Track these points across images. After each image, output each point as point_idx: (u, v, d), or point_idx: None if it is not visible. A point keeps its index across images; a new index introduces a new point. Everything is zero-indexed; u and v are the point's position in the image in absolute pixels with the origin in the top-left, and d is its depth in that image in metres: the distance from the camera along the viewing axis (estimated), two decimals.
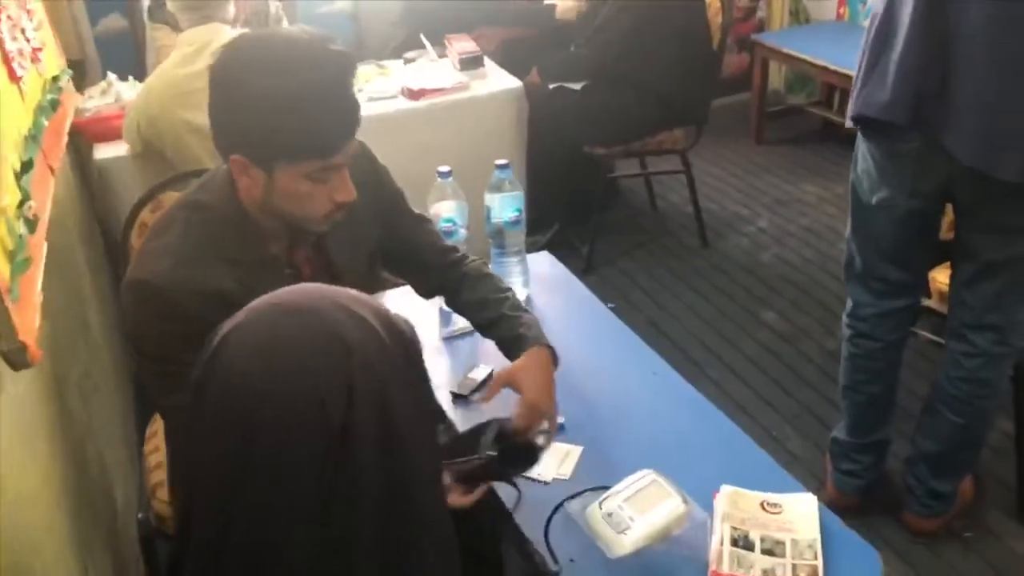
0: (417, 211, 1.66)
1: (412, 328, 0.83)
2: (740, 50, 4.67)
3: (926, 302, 2.25)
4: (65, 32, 3.75)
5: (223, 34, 2.37)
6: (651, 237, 3.65)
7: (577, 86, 3.24)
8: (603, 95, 3.19)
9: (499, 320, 1.53)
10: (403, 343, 0.79)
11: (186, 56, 2.37)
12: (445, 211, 2.09)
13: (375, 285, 1.65)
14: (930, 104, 1.71)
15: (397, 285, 1.92)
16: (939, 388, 2.02)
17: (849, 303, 2.14)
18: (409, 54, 3.27)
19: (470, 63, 3.08)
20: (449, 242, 1.75)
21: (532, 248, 3.41)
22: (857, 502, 2.20)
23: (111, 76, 2.83)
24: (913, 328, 2.22)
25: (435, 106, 2.98)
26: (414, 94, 2.96)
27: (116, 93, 2.76)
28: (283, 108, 1.20)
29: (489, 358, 1.74)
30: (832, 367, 2.78)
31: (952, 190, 1.81)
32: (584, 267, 3.39)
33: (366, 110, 2.96)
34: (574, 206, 3.46)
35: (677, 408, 1.63)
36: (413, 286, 1.70)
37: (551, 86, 3.28)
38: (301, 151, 1.24)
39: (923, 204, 1.87)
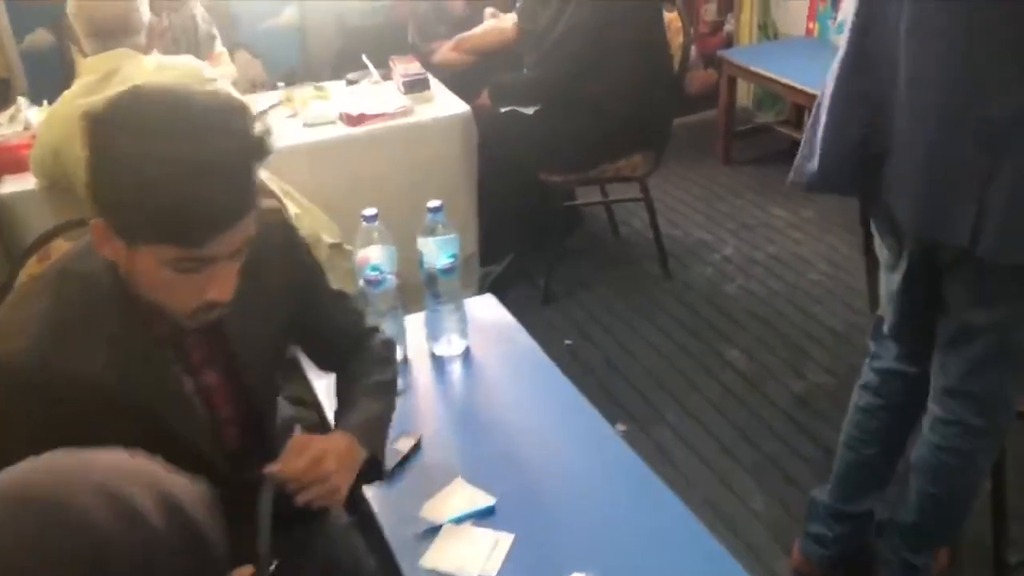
0: (334, 287, 1.48)
1: (208, 500, 0.63)
2: (707, 66, 4.51)
3: None
4: None
5: (132, 61, 2.16)
6: (612, 266, 3.47)
7: (529, 110, 3.05)
8: (557, 120, 3.01)
9: (348, 401, 1.39)
10: (190, 530, 0.60)
11: (89, 85, 2.15)
12: (372, 257, 1.89)
13: (281, 372, 1.46)
14: (866, 164, 1.59)
15: None
16: (916, 454, 1.85)
17: (870, 347, 1.97)
18: (351, 75, 3.07)
19: (415, 86, 2.89)
20: (371, 317, 1.61)
21: (485, 280, 3.26)
22: (824, 575, 2.03)
23: (20, 100, 2.61)
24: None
25: (376, 133, 2.78)
26: (353, 120, 2.76)
27: (25, 120, 2.54)
28: (147, 180, 1.01)
29: (422, 422, 1.61)
30: (800, 414, 2.62)
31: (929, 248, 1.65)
32: (541, 299, 3.20)
33: (302, 136, 2.65)
34: (530, 235, 3.27)
35: (625, 488, 1.46)
36: (309, 356, 1.52)
37: (502, 110, 3.09)
38: (160, 234, 1.04)
39: (914, 264, 1.69)
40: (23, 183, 2.45)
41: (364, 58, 3.04)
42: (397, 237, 2.84)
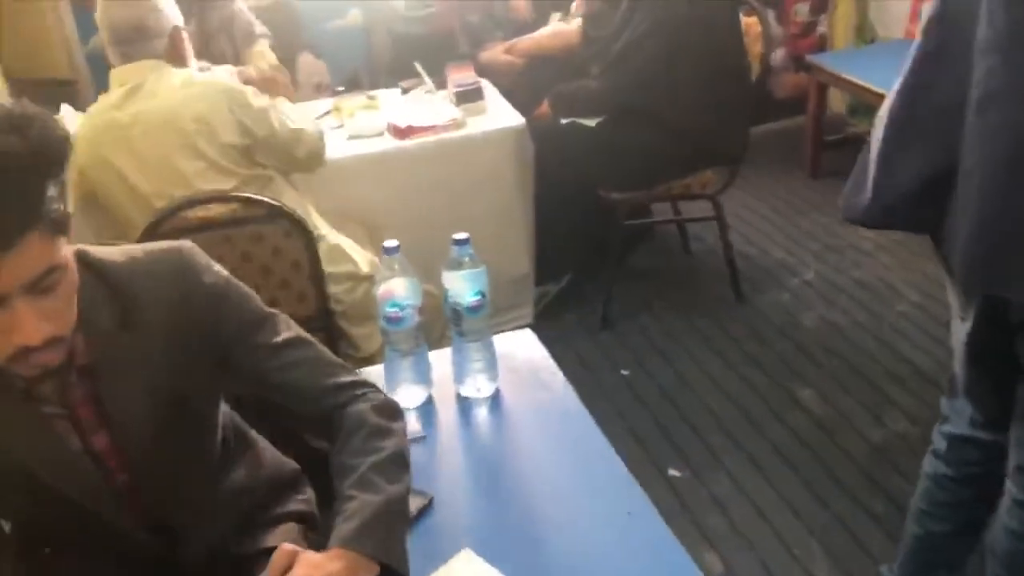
0: (286, 337, 1.20)
1: None
2: (797, 69, 4.20)
3: None
4: (55, 51, 3.55)
5: (159, 74, 2.07)
6: (679, 287, 3.24)
7: (591, 122, 2.85)
8: (620, 133, 2.79)
9: (341, 496, 1.10)
10: None
11: (113, 101, 2.07)
12: (394, 292, 1.74)
13: (186, 443, 1.19)
14: (928, 197, 1.38)
15: None
16: (991, 536, 1.60)
17: (943, 408, 1.73)
18: (405, 83, 2.92)
19: (467, 96, 2.72)
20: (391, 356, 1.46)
21: (541, 300, 3.09)
22: None
23: (64, 109, 2.55)
24: None
25: (424, 146, 2.62)
26: (400, 132, 2.62)
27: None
28: None
29: (438, 476, 1.46)
30: (876, 467, 2.35)
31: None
32: (599, 322, 3.00)
33: (346, 149, 2.49)
34: (589, 254, 3.08)
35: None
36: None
37: (563, 121, 2.90)
38: None
39: (983, 316, 1.44)
40: None
41: (417, 66, 2.89)
42: (438, 255, 2.69)
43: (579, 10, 3.08)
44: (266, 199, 1.94)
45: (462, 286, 1.76)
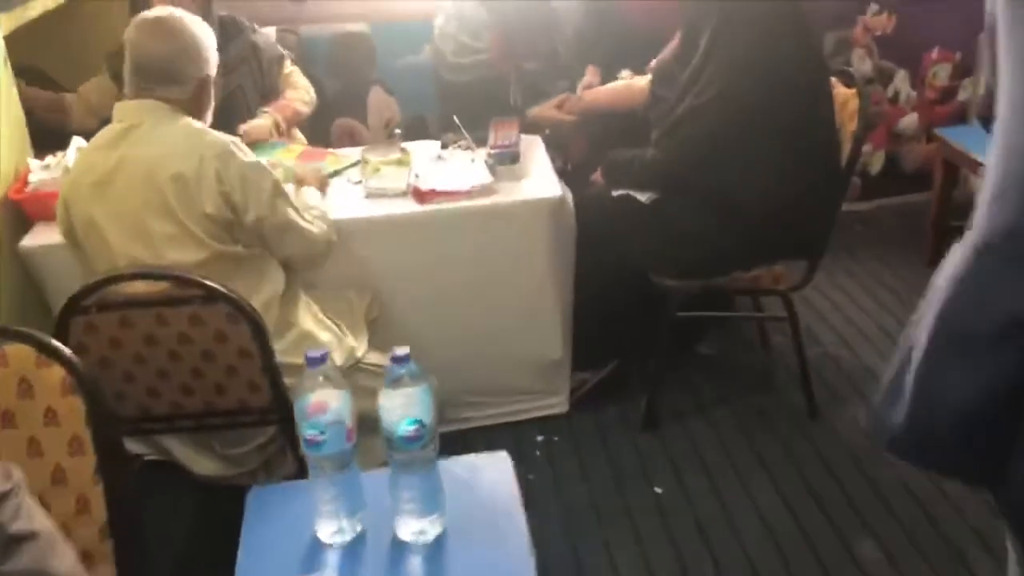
0: None
1: None
2: (930, 139, 3.66)
3: None
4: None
5: (158, 117, 1.88)
6: (744, 389, 2.80)
7: (645, 197, 2.47)
8: (675, 212, 2.41)
9: None
10: None
11: (108, 138, 1.90)
12: (319, 410, 1.46)
13: None
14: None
15: None
16: None
17: None
18: (446, 136, 2.63)
19: (502, 158, 2.41)
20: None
21: (579, 389, 2.73)
22: None
23: (75, 141, 2.41)
24: None
25: (447, 212, 2.33)
26: (422, 195, 2.33)
27: (65, 165, 2.33)
28: None
29: None
30: None
31: None
32: (641, 421, 2.61)
33: (359, 209, 2.30)
34: (638, 341, 2.69)
35: None
36: None
37: (615, 193, 2.53)
38: None
39: None
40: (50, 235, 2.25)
41: (455, 120, 2.60)
42: (466, 336, 2.37)
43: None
44: (201, 279, 1.68)
45: (397, 410, 1.45)
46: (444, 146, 2.60)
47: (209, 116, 1.99)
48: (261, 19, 3.10)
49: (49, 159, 2.42)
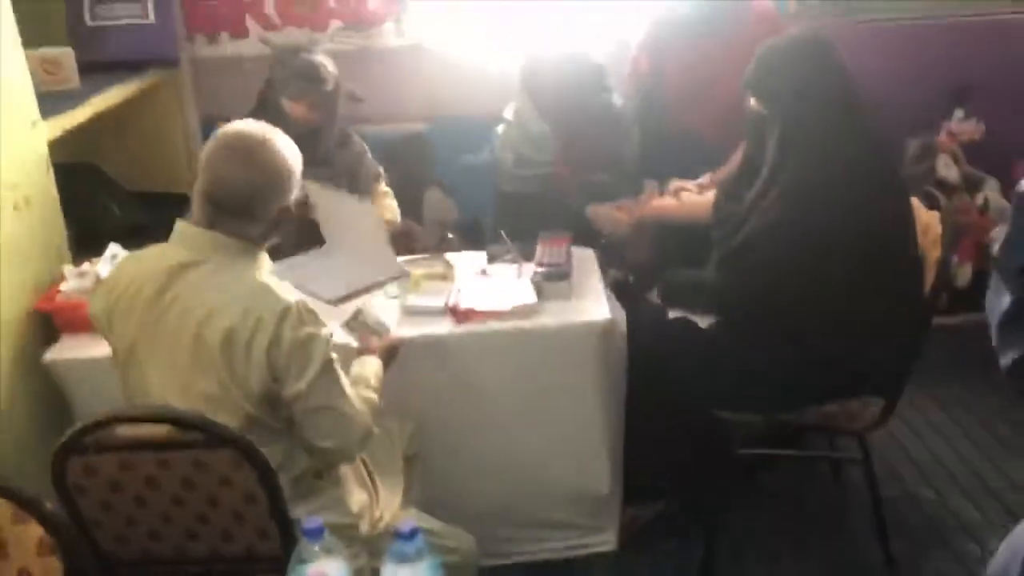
0: None
1: None
2: None
3: None
4: (178, 167, 3.47)
5: (233, 262, 1.67)
6: (816, 532, 2.53)
7: (704, 321, 2.28)
8: (736, 341, 2.21)
9: None
10: None
11: (167, 263, 1.68)
12: None
13: None
14: None
15: None
16: None
17: None
18: (494, 248, 2.50)
19: (549, 277, 2.26)
20: None
21: (631, 525, 2.50)
22: None
23: (111, 247, 2.35)
24: None
25: (486, 334, 2.18)
26: (460, 314, 2.19)
27: (96, 274, 2.26)
28: None
29: None
30: None
31: None
32: (698, 567, 2.37)
33: (400, 328, 2.21)
34: (696, 476, 2.46)
35: None
36: None
37: (672, 314, 2.35)
38: None
39: None
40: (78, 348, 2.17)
41: (502, 234, 2.47)
42: (507, 465, 2.17)
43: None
44: (202, 422, 1.54)
45: None
46: (490, 260, 2.46)
47: (272, 240, 1.79)
48: None
49: (86, 266, 2.36)
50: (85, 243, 2.55)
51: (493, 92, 3.12)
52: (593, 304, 2.25)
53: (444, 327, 2.20)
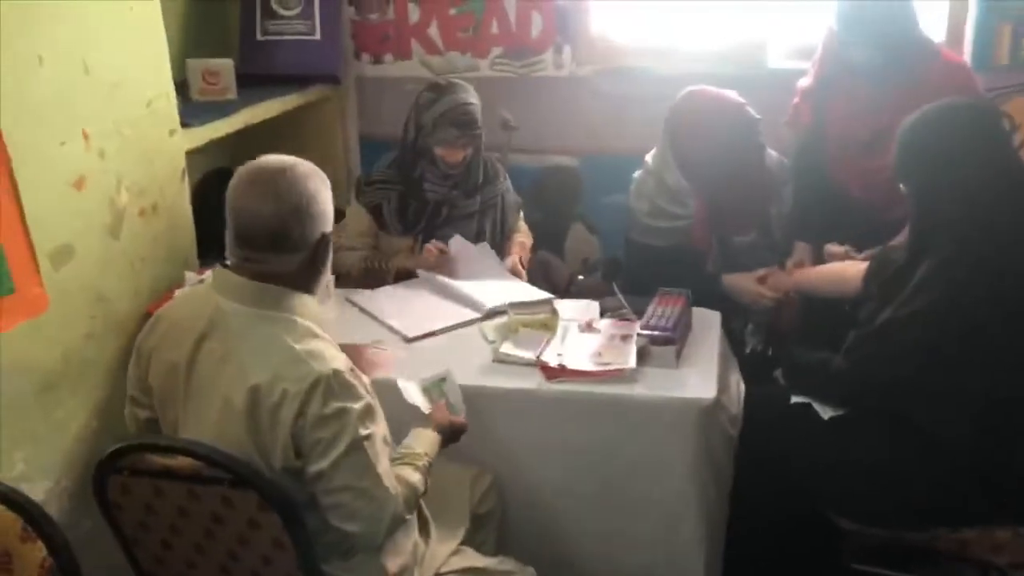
0: None
1: None
2: None
3: None
4: (337, 181, 3.52)
5: (270, 315, 1.58)
6: None
7: (827, 412, 2.00)
8: (862, 439, 1.92)
9: None
10: None
11: (205, 309, 1.61)
12: None
13: None
14: None
15: None
16: None
17: None
18: (608, 301, 2.32)
19: (655, 341, 2.06)
20: None
21: None
22: None
23: (188, 278, 2.38)
24: None
25: (573, 397, 2.01)
26: (549, 371, 2.04)
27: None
28: None
29: None
30: None
31: None
32: None
33: (483, 375, 2.10)
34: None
35: None
36: None
37: (794, 399, 2.08)
38: None
39: None
40: None
41: (614, 288, 2.28)
42: (587, 539, 2.12)
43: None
44: (230, 459, 1.48)
45: None
46: (603, 313, 2.29)
47: (323, 280, 1.69)
48: None
49: (207, 273, 2.41)
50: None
51: (651, 132, 2.95)
52: (700, 378, 2.02)
53: (533, 381, 2.05)
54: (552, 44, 3.27)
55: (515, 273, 2.61)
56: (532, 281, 2.62)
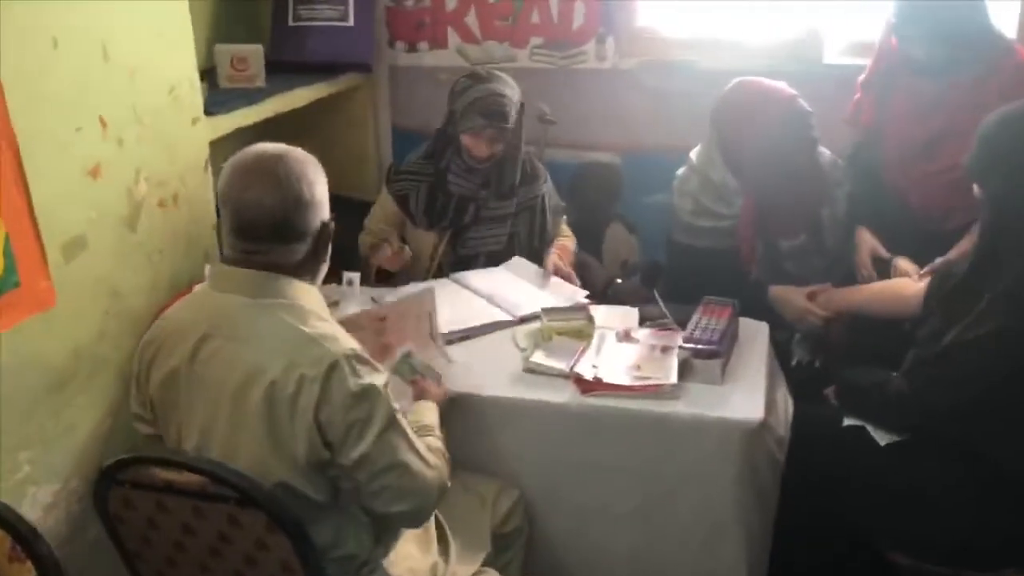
0: None
1: None
2: None
3: None
4: (367, 173, 3.43)
5: (275, 304, 1.48)
6: None
7: (883, 438, 1.85)
8: (920, 469, 1.77)
9: None
10: None
11: (208, 310, 1.52)
12: None
13: None
14: None
15: None
16: None
17: None
18: (648, 309, 2.18)
19: (698, 355, 1.92)
20: None
21: None
22: None
23: None
24: None
25: (609, 413, 1.88)
26: (584, 384, 1.91)
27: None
28: None
29: None
30: None
31: None
32: None
33: (512, 385, 1.98)
34: None
35: None
36: None
37: (847, 421, 1.93)
38: None
39: None
40: None
41: (656, 295, 2.15)
42: (618, 559, 1.99)
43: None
44: (237, 477, 1.37)
45: None
46: (642, 322, 2.16)
47: (324, 268, 1.60)
48: None
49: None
50: None
51: (696, 128, 2.80)
52: (746, 396, 1.88)
53: (565, 394, 1.92)
54: (595, 35, 3.13)
55: (557, 272, 2.46)
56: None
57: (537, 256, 2.56)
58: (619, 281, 2.88)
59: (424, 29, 3.27)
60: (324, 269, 1.61)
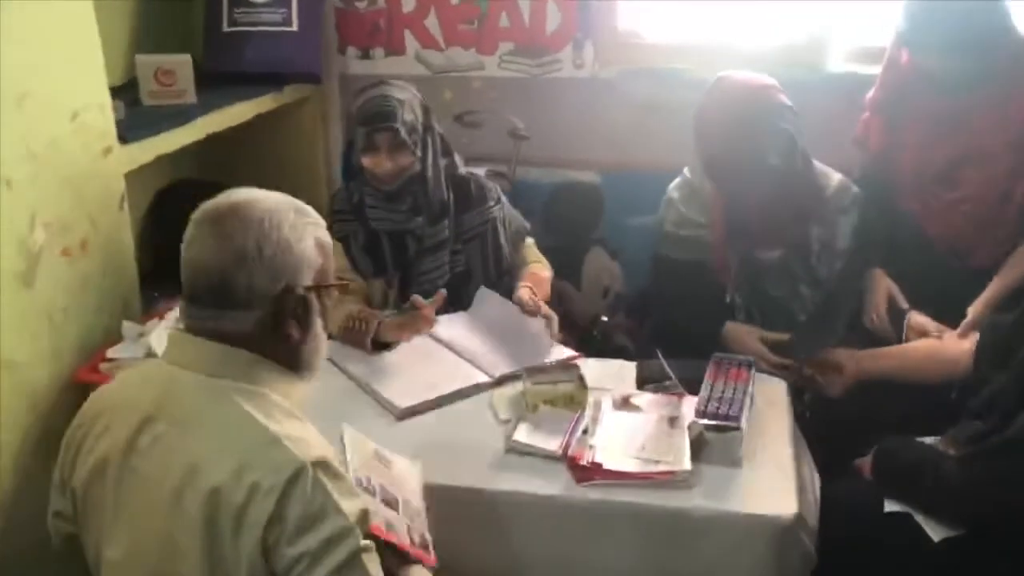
0: None
1: None
2: None
3: None
4: (317, 191, 3.08)
5: (227, 388, 1.21)
6: None
7: (936, 531, 1.55)
8: (989, 572, 1.48)
9: None
10: None
11: (153, 386, 1.24)
12: None
13: None
14: None
15: None
16: None
17: None
18: (648, 366, 1.87)
19: (717, 430, 1.61)
20: None
21: None
22: None
23: (169, 317, 1.93)
24: None
25: (612, 507, 1.56)
26: (579, 470, 1.59)
27: (148, 344, 1.84)
28: None
29: None
30: None
31: None
32: None
33: (492, 467, 1.64)
34: None
35: None
36: None
37: (888, 506, 1.63)
38: None
39: None
40: None
41: (658, 354, 1.83)
42: None
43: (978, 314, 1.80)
44: None
45: None
46: (640, 384, 1.85)
47: (306, 352, 1.28)
48: (471, 154, 2.56)
49: (152, 324, 1.96)
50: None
51: (684, 143, 2.50)
52: (775, 483, 1.57)
53: (558, 483, 1.60)
54: (571, 40, 2.83)
55: (525, 307, 2.06)
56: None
57: (500, 289, 2.21)
58: (605, 319, 2.58)
59: (379, 34, 2.94)
60: (307, 352, 1.29)
